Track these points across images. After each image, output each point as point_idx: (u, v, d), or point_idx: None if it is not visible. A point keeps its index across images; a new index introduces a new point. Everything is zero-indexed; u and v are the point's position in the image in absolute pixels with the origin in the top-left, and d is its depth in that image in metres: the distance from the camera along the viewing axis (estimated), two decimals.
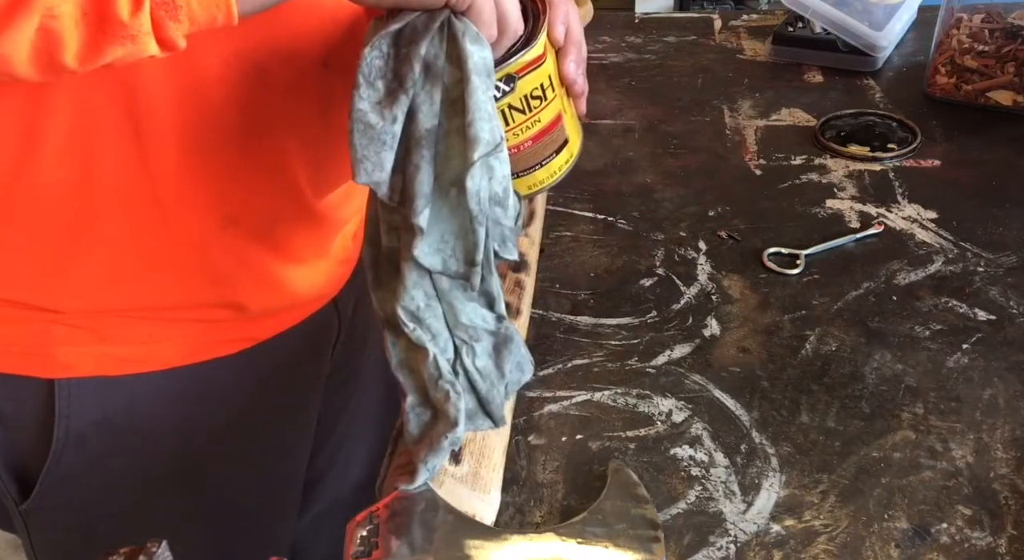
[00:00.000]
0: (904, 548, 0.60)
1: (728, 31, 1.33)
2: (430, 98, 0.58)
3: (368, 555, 0.54)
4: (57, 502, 0.77)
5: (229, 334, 0.76)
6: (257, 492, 0.87)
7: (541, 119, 0.71)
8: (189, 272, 0.70)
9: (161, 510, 0.81)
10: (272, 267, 0.75)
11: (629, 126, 1.09)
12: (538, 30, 0.67)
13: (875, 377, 0.73)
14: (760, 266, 0.86)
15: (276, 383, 0.82)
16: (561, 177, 0.76)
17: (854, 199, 0.94)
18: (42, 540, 0.82)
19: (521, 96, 0.69)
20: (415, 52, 0.57)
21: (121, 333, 0.71)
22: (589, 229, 0.92)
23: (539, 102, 0.70)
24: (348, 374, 0.93)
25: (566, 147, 0.75)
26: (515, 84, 0.68)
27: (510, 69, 0.66)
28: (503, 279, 0.76)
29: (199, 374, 0.75)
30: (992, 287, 0.82)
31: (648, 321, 0.80)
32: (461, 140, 0.58)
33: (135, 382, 0.73)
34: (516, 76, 0.67)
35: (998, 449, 0.67)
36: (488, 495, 0.61)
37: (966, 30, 1.11)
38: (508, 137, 0.69)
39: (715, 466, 0.66)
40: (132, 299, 0.70)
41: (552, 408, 0.72)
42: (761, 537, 0.61)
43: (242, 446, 0.82)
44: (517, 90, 0.68)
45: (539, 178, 0.75)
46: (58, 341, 0.70)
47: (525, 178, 0.74)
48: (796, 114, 1.10)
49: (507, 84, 0.67)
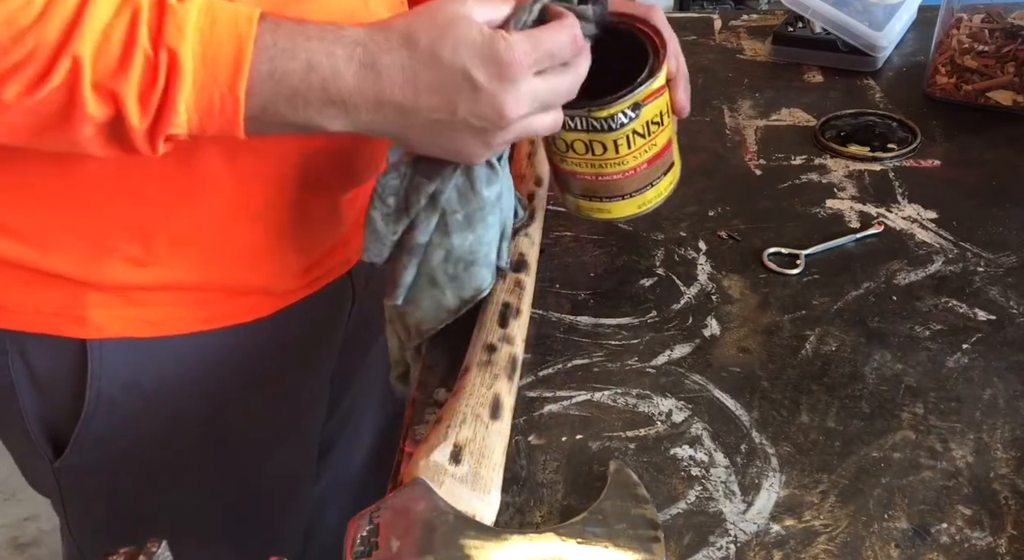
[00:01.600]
0: (904, 548, 0.60)
1: (728, 31, 1.33)
2: (427, 221, 0.67)
3: (368, 555, 0.54)
4: (87, 463, 0.80)
5: (252, 303, 0.79)
6: (277, 456, 0.91)
7: (656, 143, 0.77)
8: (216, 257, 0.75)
9: (184, 473, 0.84)
10: (294, 254, 0.79)
11: None
12: (660, 63, 0.74)
13: (875, 377, 0.73)
14: (760, 266, 0.86)
15: (297, 347, 0.86)
16: (666, 197, 0.83)
17: (854, 199, 0.94)
18: (73, 500, 0.85)
19: (644, 122, 0.75)
20: (425, 188, 0.66)
21: (149, 298, 0.74)
22: (589, 229, 0.92)
23: (657, 127, 0.76)
24: (360, 342, 0.98)
25: (672, 169, 0.82)
26: (640, 111, 0.74)
27: (637, 97, 0.73)
28: (503, 280, 0.76)
29: (223, 338, 0.79)
30: (992, 287, 0.82)
31: (648, 321, 0.80)
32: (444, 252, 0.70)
33: (162, 345, 0.76)
34: (642, 104, 0.73)
35: (998, 449, 0.67)
36: (488, 495, 0.61)
37: (966, 30, 1.11)
38: (627, 160, 0.76)
39: (715, 466, 0.66)
40: (165, 278, 0.74)
41: (552, 408, 0.72)
42: (761, 537, 0.61)
43: (262, 409, 0.86)
44: (641, 117, 0.74)
45: (648, 198, 0.81)
46: (89, 304, 0.73)
47: (636, 198, 0.80)
48: (796, 114, 1.10)
49: (633, 111, 0.73)
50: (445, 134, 0.60)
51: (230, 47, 0.55)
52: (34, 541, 1.83)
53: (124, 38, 0.53)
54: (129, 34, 0.53)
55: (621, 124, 0.73)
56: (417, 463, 0.61)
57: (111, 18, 0.53)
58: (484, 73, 0.56)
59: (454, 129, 0.59)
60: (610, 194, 0.79)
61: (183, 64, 0.54)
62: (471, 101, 0.57)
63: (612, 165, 0.76)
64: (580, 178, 0.79)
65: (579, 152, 0.76)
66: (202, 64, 0.54)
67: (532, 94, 0.59)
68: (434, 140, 0.61)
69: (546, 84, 0.60)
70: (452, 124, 0.59)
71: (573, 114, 0.72)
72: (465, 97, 0.57)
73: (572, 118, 0.73)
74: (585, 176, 0.78)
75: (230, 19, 0.55)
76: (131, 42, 0.53)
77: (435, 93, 0.57)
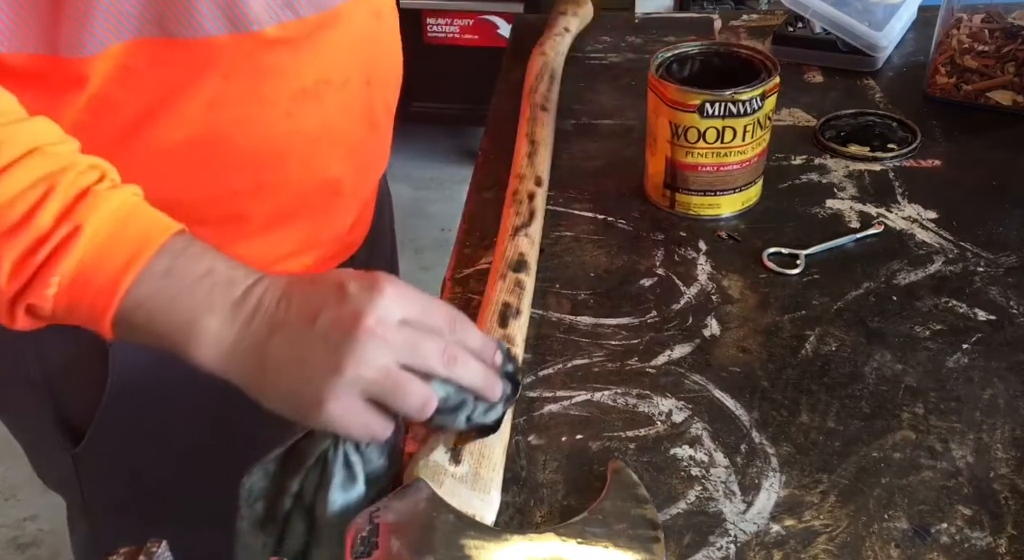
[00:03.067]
0: (904, 548, 0.60)
1: (728, 31, 1.33)
2: (301, 523, 0.58)
3: (368, 555, 0.54)
4: (107, 448, 0.82)
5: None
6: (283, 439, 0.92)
7: (765, 139, 0.90)
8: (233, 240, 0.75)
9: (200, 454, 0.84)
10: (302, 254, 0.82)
11: (629, 126, 1.09)
12: (774, 68, 0.88)
13: (875, 377, 0.73)
14: (760, 266, 0.86)
15: None
16: (756, 200, 0.94)
17: (854, 199, 0.94)
18: (91, 483, 0.87)
19: (765, 114, 0.87)
20: (289, 486, 0.58)
21: None
22: (589, 229, 0.92)
23: (768, 123, 0.89)
24: None
25: (760, 179, 0.93)
26: (763, 102, 0.86)
27: (765, 88, 0.85)
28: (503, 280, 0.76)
29: None
30: (992, 287, 0.82)
31: (648, 321, 0.80)
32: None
33: None
34: (767, 94, 0.86)
35: (998, 449, 0.67)
36: (488, 495, 0.61)
37: (966, 30, 1.11)
38: (747, 149, 0.88)
39: (715, 466, 0.66)
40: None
41: (552, 408, 0.72)
42: (761, 537, 0.61)
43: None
44: (764, 108, 0.86)
45: (750, 195, 0.92)
46: None
47: (742, 194, 0.91)
48: (796, 114, 1.10)
49: (760, 101, 0.85)
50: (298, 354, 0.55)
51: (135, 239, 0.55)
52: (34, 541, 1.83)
53: (26, 210, 0.54)
54: (33, 207, 0.54)
55: (754, 109, 0.85)
56: (417, 462, 0.61)
57: (23, 189, 0.54)
58: (357, 284, 0.56)
59: (309, 345, 0.55)
60: (724, 187, 0.90)
61: (80, 238, 0.54)
62: (335, 307, 0.55)
63: (735, 153, 0.87)
64: (702, 171, 0.89)
65: (709, 141, 0.86)
66: (98, 245, 0.55)
67: (398, 320, 0.55)
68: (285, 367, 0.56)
69: (417, 334, 0.56)
70: (309, 339, 0.55)
71: (714, 100, 0.84)
72: (331, 303, 0.55)
73: (712, 104, 0.84)
74: (707, 167, 0.88)
75: (150, 219, 0.57)
76: (31, 214, 0.54)
77: (305, 301, 0.56)
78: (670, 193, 0.92)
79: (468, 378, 0.57)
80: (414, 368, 0.55)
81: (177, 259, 0.56)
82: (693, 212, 0.92)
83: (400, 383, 0.55)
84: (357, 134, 0.82)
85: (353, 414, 0.55)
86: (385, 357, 0.54)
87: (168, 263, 0.55)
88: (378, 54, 0.83)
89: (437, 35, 2.68)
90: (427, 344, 0.56)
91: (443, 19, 2.65)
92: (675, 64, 0.92)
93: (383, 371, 0.54)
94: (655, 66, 0.90)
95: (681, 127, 0.87)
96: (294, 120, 0.74)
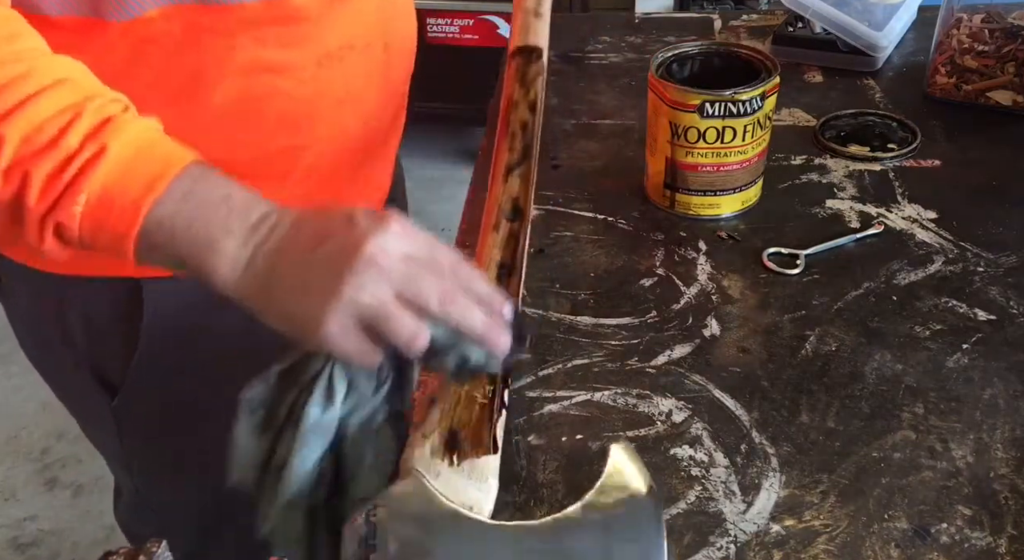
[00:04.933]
0: (904, 548, 0.60)
1: (728, 31, 1.33)
2: (292, 434, 0.59)
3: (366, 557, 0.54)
4: (143, 398, 0.85)
5: None
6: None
7: (764, 139, 0.90)
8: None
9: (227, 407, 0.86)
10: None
11: (629, 126, 1.09)
12: (774, 68, 0.88)
13: (875, 377, 0.73)
14: (760, 266, 0.86)
15: None
16: (756, 201, 0.94)
17: (854, 199, 0.94)
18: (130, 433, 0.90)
19: (765, 114, 0.87)
20: (285, 399, 0.60)
21: None
22: (589, 229, 0.92)
23: (768, 123, 0.89)
24: None
25: (760, 179, 0.93)
26: (763, 102, 0.86)
27: (765, 88, 0.86)
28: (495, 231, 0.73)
29: None
30: (992, 287, 0.82)
31: (648, 321, 0.80)
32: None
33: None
34: (767, 94, 0.86)
35: (998, 449, 0.66)
36: (485, 483, 0.60)
37: (966, 30, 1.11)
38: (747, 149, 0.88)
39: (715, 466, 0.66)
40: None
41: (552, 408, 0.72)
42: (761, 537, 0.61)
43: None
44: (764, 108, 0.87)
45: (749, 195, 0.93)
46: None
47: (741, 194, 0.92)
48: (796, 114, 1.10)
49: (760, 101, 0.86)
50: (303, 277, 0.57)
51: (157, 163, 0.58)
52: (34, 541, 1.83)
53: (55, 133, 0.56)
54: (62, 130, 0.56)
55: (754, 109, 0.85)
56: (412, 454, 0.61)
57: (52, 114, 0.56)
58: (366, 217, 0.58)
59: (313, 269, 0.57)
60: (725, 187, 0.90)
61: (105, 158, 0.56)
62: (342, 235, 0.57)
63: (735, 153, 0.88)
64: (702, 171, 0.89)
65: (709, 141, 0.87)
66: (122, 166, 0.57)
67: (400, 254, 0.57)
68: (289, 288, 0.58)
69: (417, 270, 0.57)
70: (313, 263, 0.57)
71: (714, 100, 0.84)
72: (339, 232, 0.57)
73: (712, 104, 0.84)
74: (707, 167, 0.89)
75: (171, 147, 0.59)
76: (60, 136, 0.56)
77: (315, 229, 0.58)
78: (670, 193, 0.92)
79: (465, 321, 0.58)
80: (410, 301, 0.57)
81: (197, 183, 0.58)
82: (693, 212, 0.92)
83: (393, 313, 0.56)
84: (377, 98, 0.84)
85: (346, 336, 0.56)
86: (382, 285, 0.56)
87: (188, 186, 0.57)
88: (396, 21, 0.85)
89: (437, 35, 2.68)
90: (425, 280, 0.57)
91: (443, 19, 2.65)
92: (675, 64, 0.92)
93: (378, 299, 0.56)
94: (655, 66, 0.90)
95: (681, 127, 0.87)
96: (320, 83, 0.76)
